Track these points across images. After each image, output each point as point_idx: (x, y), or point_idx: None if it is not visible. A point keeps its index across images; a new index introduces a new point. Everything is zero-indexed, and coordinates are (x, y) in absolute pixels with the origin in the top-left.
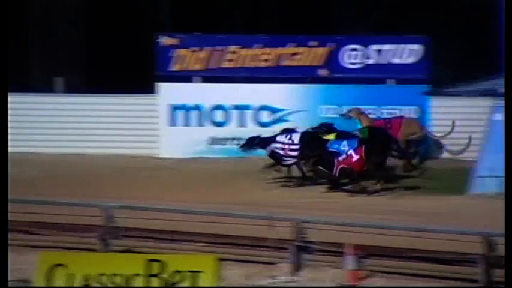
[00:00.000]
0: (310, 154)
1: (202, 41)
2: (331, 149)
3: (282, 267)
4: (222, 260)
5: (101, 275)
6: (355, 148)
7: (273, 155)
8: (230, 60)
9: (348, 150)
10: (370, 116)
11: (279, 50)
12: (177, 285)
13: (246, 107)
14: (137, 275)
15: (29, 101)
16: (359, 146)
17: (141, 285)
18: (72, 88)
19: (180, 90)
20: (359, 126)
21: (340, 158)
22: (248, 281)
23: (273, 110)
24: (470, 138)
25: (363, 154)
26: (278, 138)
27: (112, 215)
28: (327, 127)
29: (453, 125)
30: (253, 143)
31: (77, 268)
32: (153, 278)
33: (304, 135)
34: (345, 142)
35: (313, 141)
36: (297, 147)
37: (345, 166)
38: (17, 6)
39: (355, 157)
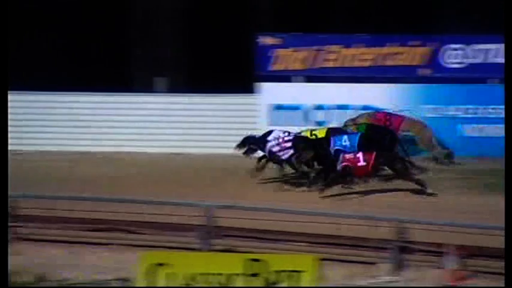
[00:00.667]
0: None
1: (302, 40)
2: (337, 147)
3: (383, 267)
4: (323, 260)
5: (202, 274)
6: (365, 153)
7: (270, 153)
8: (330, 60)
9: (356, 152)
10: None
11: (380, 50)
12: (277, 285)
13: (346, 107)
14: (237, 274)
15: (131, 101)
16: (368, 151)
17: (241, 285)
18: (173, 88)
19: (280, 90)
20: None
21: (347, 156)
22: (349, 281)
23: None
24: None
25: (371, 162)
26: (272, 135)
27: (213, 214)
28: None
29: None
30: (249, 142)
31: (178, 267)
32: (253, 278)
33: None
34: (345, 137)
35: (307, 139)
36: (291, 137)
37: (349, 165)
38: (121, 7)
39: (362, 163)
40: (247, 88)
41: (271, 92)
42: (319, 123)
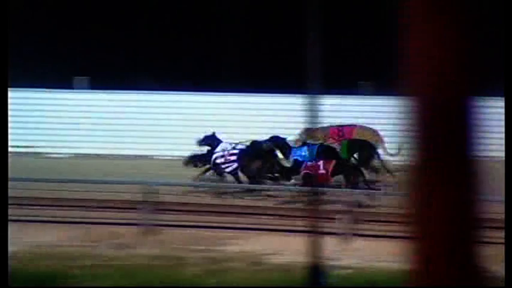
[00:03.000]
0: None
1: None
2: (295, 158)
3: None
4: None
5: None
6: (325, 162)
7: (214, 165)
8: None
9: (317, 161)
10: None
11: None
12: None
13: None
14: None
15: None
16: (328, 160)
17: None
18: None
19: None
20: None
21: (309, 164)
22: None
23: None
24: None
25: (330, 169)
26: (219, 147)
27: None
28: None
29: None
30: (195, 158)
31: None
32: None
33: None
34: (305, 148)
35: (261, 151)
36: (236, 151)
37: (310, 172)
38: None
39: (322, 170)
40: None
41: None
42: None
